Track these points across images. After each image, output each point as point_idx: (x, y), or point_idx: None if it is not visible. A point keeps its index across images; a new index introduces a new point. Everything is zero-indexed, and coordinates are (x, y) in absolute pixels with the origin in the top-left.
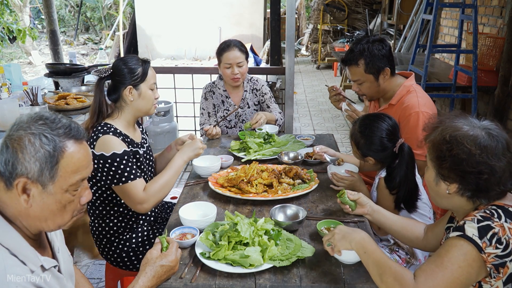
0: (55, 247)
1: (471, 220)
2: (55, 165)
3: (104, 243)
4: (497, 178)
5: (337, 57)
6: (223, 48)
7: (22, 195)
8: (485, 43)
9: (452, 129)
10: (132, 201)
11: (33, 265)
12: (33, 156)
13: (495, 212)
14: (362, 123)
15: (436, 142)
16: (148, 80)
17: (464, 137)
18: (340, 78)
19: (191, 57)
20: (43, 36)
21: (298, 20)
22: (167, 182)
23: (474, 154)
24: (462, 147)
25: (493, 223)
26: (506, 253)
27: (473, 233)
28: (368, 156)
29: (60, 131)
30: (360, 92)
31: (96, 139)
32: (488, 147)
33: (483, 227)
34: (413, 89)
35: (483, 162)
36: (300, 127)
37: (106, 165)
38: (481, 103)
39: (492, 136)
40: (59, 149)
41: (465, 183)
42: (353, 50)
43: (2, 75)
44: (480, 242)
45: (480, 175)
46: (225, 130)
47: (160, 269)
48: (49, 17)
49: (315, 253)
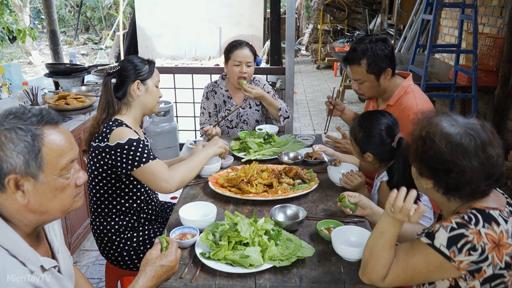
0: (55, 248)
1: (445, 228)
2: (38, 153)
3: (105, 242)
4: (467, 177)
5: (337, 57)
6: (234, 46)
7: (17, 192)
8: (485, 43)
9: (430, 126)
10: (157, 179)
11: (32, 265)
12: (14, 150)
13: (474, 217)
14: (362, 118)
15: (413, 137)
16: (154, 77)
17: (436, 134)
18: (340, 78)
19: (191, 57)
20: (43, 36)
21: (298, 20)
22: (191, 168)
23: (443, 152)
24: (432, 144)
25: (467, 231)
26: (482, 259)
27: (440, 243)
28: (366, 152)
29: (33, 119)
30: (360, 91)
31: (110, 132)
32: (459, 145)
33: (454, 237)
34: (410, 90)
35: (451, 161)
36: (300, 127)
37: (124, 151)
38: (481, 103)
39: (467, 135)
40: (37, 137)
41: (437, 180)
42: (356, 49)
43: (2, 75)
44: (448, 252)
45: (449, 173)
46: (226, 130)
47: (160, 269)
48: (49, 17)
49: (315, 253)
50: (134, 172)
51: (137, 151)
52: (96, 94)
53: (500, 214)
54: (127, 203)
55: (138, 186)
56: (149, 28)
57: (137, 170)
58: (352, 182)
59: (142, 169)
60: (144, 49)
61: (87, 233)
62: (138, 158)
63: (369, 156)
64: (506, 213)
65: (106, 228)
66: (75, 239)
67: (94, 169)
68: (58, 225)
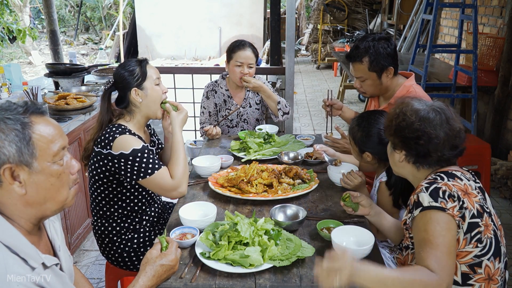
0: (56, 245)
1: (421, 191)
2: (29, 140)
3: (106, 242)
4: (434, 144)
5: (337, 57)
6: (237, 46)
7: (14, 183)
8: (485, 43)
9: (403, 104)
10: (165, 190)
11: (34, 262)
12: (6, 139)
13: (438, 177)
14: (360, 117)
15: (389, 115)
16: (150, 76)
17: (408, 109)
18: (340, 78)
19: (191, 57)
20: (43, 36)
21: (298, 20)
22: (183, 159)
23: (413, 122)
24: (404, 117)
25: (438, 184)
26: (461, 205)
27: (429, 201)
28: (365, 152)
29: (19, 109)
30: (362, 89)
31: (113, 140)
32: (427, 118)
33: (433, 190)
34: (412, 89)
35: (421, 129)
36: (300, 127)
37: (128, 162)
38: (481, 103)
39: (434, 110)
40: (26, 124)
41: (407, 148)
42: (359, 46)
43: (2, 75)
44: (438, 203)
45: (418, 140)
46: (226, 130)
47: (160, 269)
48: (49, 17)
49: (315, 253)
50: (140, 182)
51: (142, 162)
52: (96, 94)
53: (462, 174)
54: (129, 206)
55: (139, 190)
56: (149, 28)
57: (143, 181)
58: (352, 182)
59: (148, 180)
60: (144, 49)
61: (87, 233)
62: (144, 169)
63: (368, 155)
64: (468, 176)
65: (107, 229)
66: (75, 239)
67: (96, 173)
68: (58, 223)
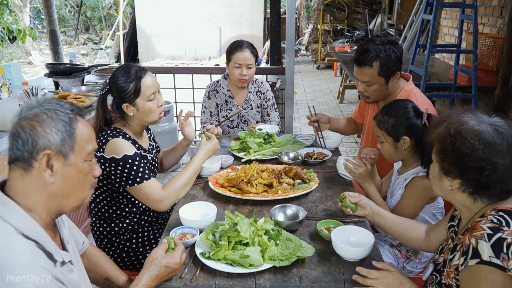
0: (65, 239)
1: (481, 238)
2: (73, 134)
3: (104, 243)
4: (499, 175)
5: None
6: (235, 47)
7: (46, 171)
8: (485, 43)
9: (458, 123)
10: (150, 200)
11: (58, 256)
12: (54, 127)
13: (502, 219)
14: (383, 108)
15: (440, 135)
16: (144, 93)
17: (468, 131)
18: (340, 78)
19: (191, 57)
20: (43, 36)
21: (298, 20)
22: (188, 180)
23: (477, 149)
24: (465, 141)
25: (504, 234)
26: None
27: (489, 255)
28: (401, 137)
29: (67, 106)
30: (366, 94)
31: (106, 143)
32: (492, 143)
33: (496, 242)
34: (412, 94)
35: (486, 158)
36: (300, 127)
37: (118, 167)
38: (481, 103)
39: (498, 133)
40: (73, 119)
41: (466, 178)
42: (369, 49)
43: (2, 75)
44: (500, 261)
45: (482, 171)
46: (227, 130)
47: (164, 270)
48: (49, 17)
49: (315, 253)
50: (128, 189)
51: (132, 169)
52: (96, 94)
53: None
54: (127, 208)
55: None
56: (149, 28)
57: (130, 188)
58: (356, 170)
59: (136, 188)
60: (144, 49)
61: (87, 233)
62: (133, 177)
63: (405, 140)
64: None
65: (106, 230)
66: None
67: None
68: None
